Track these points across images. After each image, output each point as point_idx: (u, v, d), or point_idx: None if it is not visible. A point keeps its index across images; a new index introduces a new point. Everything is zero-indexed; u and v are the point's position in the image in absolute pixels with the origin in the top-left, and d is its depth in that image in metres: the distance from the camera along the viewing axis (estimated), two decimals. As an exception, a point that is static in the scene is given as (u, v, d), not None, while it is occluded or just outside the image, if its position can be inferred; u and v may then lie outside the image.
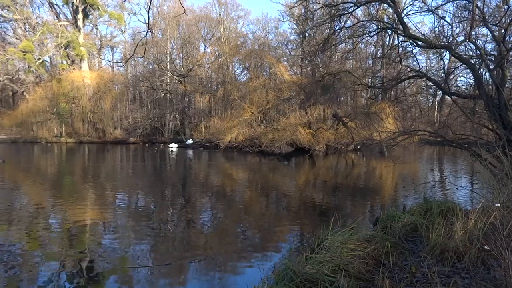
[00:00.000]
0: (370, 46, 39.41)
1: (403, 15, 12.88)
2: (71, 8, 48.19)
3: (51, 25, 45.56)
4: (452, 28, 12.58)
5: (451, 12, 14.41)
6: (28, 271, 5.49)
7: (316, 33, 33.37)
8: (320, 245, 5.00)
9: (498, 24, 11.79)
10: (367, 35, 15.01)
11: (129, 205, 10.85)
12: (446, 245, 4.56)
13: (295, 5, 28.60)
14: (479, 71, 11.16)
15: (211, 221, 8.99)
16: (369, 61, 39.43)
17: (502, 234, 3.80)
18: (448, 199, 9.66)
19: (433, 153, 29.61)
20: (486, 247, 4.35)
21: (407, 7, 18.13)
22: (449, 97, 15.12)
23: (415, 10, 32.77)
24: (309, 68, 37.45)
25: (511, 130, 8.10)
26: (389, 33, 31.38)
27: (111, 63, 55.51)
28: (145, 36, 6.44)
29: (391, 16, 18.05)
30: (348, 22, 16.31)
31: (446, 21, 12.95)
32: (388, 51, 26.36)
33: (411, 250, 5.02)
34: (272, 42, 48.00)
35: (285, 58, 43.30)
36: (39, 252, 6.34)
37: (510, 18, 10.68)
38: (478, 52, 11.27)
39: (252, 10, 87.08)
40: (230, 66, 43.22)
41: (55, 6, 49.29)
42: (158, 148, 36.53)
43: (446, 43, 11.83)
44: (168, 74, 46.11)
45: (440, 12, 12.59)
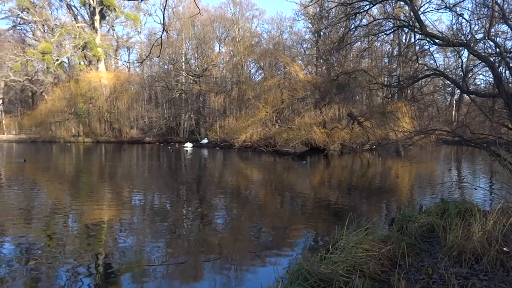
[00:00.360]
0: (386, 44, 39.02)
1: (420, 12, 12.72)
2: (88, 10, 49.05)
3: (69, 27, 46.43)
4: (470, 25, 12.37)
5: (470, 9, 14.20)
6: (47, 267, 5.60)
7: (331, 32, 33.17)
8: (334, 245, 4.97)
9: (518, 21, 11.53)
10: (383, 33, 14.86)
11: (145, 203, 10.98)
12: (464, 246, 4.48)
13: (310, 4, 28.54)
14: (499, 69, 10.96)
15: (225, 220, 9.03)
16: (385, 60, 38.97)
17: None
18: (466, 199, 9.49)
19: (451, 153, 29.10)
20: (505, 249, 4.27)
21: (424, 4, 17.95)
22: (467, 96, 14.88)
23: (432, 7, 32.26)
24: (324, 67, 37.26)
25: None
26: (406, 31, 30.98)
27: (127, 64, 56.35)
28: (161, 36, 6.50)
29: (407, 14, 17.82)
30: (364, 20, 16.15)
31: (465, 18, 12.76)
32: (405, 50, 26.05)
33: (427, 251, 4.94)
34: (287, 41, 47.98)
35: (300, 57, 43.21)
36: (57, 249, 6.46)
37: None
38: (497, 49, 11.06)
39: (267, 10, 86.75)
40: (245, 65, 43.32)
41: (73, 8, 50.31)
42: (173, 147, 36.84)
43: (465, 41, 11.64)
44: (183, 74, 46.47)
45: (458, 9, 12.41)
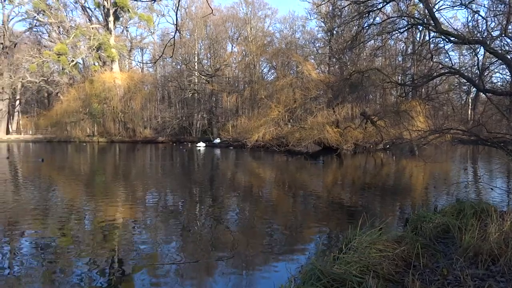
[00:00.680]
0: (400, 42, 38.59)
1: (434, 10, 12.52)
2: (102, 11, 49.69)
3: (84, 28, 47.08)
4: (486, 22, 12.14)
5: (486, 5, 13.93)
6: (62, 265, 5.69)
7: (344, 31, 32.97)
8: (348, 245, 4.94)
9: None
10: (397, 31, 14.71)
11: (158, 203, 11.07)
12: (480, 247, 4.41)
13: (323, 2, 28.42)
14: (516, 67, 10.73)
15: (238, 220, 9.05)
16: (399, 58, 38.56)
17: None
18: (482, 199, 9.34)
19: (467, 152, 28.65)
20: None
21: (438, 1, 17.62)
22: (483, 94, 14.64)
23: (447, 4, 31.62)
24: (337, 66, 37.04)
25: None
26: (420, 29, 30.57)
27: (141, 64, 56.91)
28: (173, 37, 6.55)
29: (422, 12, 17.59)
30: (377, 18, 16.02)
31: (481, 15, 12.54)
32: (419, 48, 25.73)
33: (442, 252, 4.88)
34: (299, 40, 47.86)
35: (313, 57, 43.05)
36: (73, 247, 6.56)
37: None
38: (515, 47, 10.84)
39: (279, 9, 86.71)
40: (257, 65, 43.34)
41: (87, 10, 51.04)
42: (186, 147, 37.06)
43: (481, 38, 11.45)
44: (196, 74, 46.71)
45: (474, 6, 12.22)
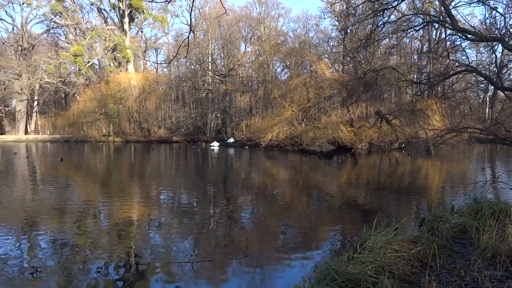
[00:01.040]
0: (416, 40, 38.14)
1: (451, 7, 12.34)
2: (117, 13, 50.35)
3: (100, 30, 47.76)
4: (505, 19, 11.94)
5: (504, 2, 13.66)
6: (78, 263, 5.79)
7: (358, 29, 32.75)
8: (362, 245, 4.91)
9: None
10: (412, 29, 14.55)
11: (173, 202, 11.17)
12: (499, 248, 4.33)
13: (337, 1, 28.27)
14: (536, 64, 10.50)
15: (252, 219, 9.06)
16: (415, 56, 38.06)
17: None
18: (500, 199, 9.17)
19: (484, 151, 28.12)
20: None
21: (455, -2, 17.30)
22: (502, 92, 14.35)
23: (464, 1, 31.16)
24: (351, 65, 36.75)
25: None
26: (436, 26, 30.17)
27: (155, 64, 57.47)
28: (188, 37, 6.60)
29: (438, 9, 17.29)
30: (392, 16, 15.90)
31: (499, 12, 12.33)
32: (435, 46, 25.37)
33: (459, 252, 4.80)
34: (313, 39, 47.67)
35: (326, 56, 42.81)
36: (89, 245, 6.67)
37: None
38: (534, 44, 10.60)
39: (293, 8, 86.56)
40: (271, 64, 43.33)
41: (103, 11, 51.77)
42: (201, 146, 37.27)
43: (499, 35, 11.23)
44: (210, 74, 46.95)
45: (491, 2, 12.01)
